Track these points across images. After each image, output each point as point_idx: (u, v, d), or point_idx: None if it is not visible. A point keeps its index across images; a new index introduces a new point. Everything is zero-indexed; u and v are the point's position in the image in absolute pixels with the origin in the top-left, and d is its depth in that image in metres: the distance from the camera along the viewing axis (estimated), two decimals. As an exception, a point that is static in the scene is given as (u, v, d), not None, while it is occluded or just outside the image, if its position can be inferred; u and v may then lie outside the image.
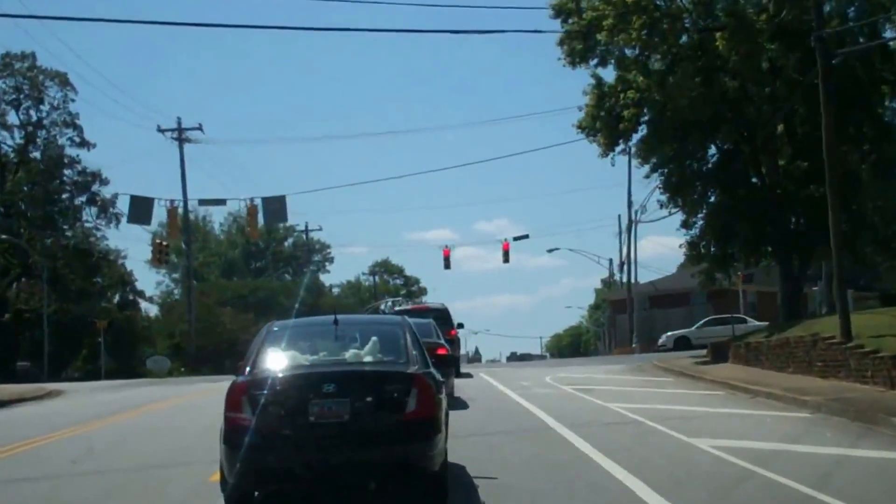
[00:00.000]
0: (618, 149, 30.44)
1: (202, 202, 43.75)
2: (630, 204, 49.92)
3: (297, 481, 7.98)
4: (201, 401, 20.73)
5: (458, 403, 16.56)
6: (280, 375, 8.09)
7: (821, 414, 13.98)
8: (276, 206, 38.10)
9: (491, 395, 19.30)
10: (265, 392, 7.77)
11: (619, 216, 55.02)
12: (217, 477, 8.46)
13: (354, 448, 7.65)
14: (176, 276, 78.18)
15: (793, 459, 10.01)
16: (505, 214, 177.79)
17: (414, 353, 8.56)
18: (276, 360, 8.46)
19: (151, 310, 72.69)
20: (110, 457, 12.08)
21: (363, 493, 8.04)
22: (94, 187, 56.51)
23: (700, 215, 29.62)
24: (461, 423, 13.20)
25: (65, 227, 58.49)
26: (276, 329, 9.16)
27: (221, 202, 43.38)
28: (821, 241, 27.22)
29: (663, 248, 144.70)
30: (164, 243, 45.35)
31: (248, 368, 8.31)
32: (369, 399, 7.80)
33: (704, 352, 27.41)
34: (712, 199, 29.59)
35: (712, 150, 30.10)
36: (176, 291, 78.49)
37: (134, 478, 10.48)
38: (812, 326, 21.29)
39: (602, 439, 11.64)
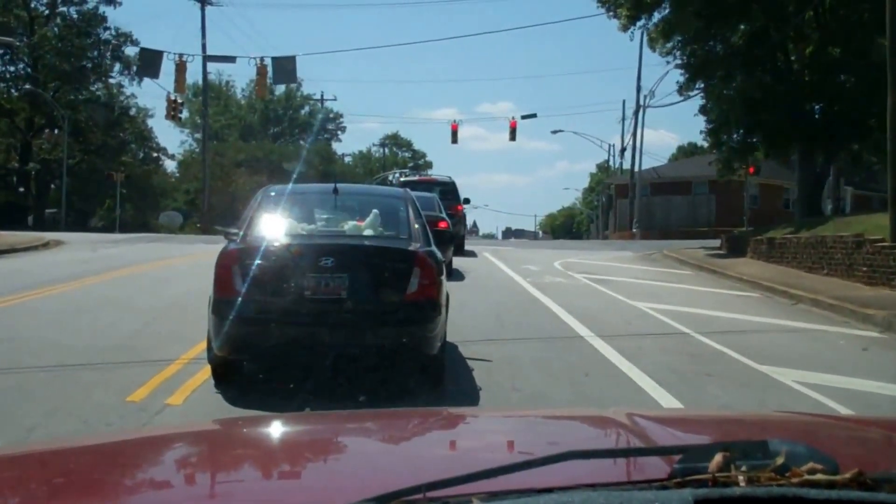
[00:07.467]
0: (639, 23, 26.41)
1: (211, 58, 39.29)
2: (639, 88, 45.62)
3: (287, 359, 6.94)
4: (185, 267, 17.37)
5: (464, 288, 13.25)
6: (275, 245, 6.77)
7: (894, 333, 10.65)
8: (285, 67, 33.86)
9: (500, 282, 15.88)
10: (258, 262, 6.52)
11: (624, 101, 50.90)
12: (138, 396, 6.61)
13: (351, 327, 6.51)
14: (198, 136, 74.32)
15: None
16: (509, 98, 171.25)
17: (416, 228, 7.31)
18: (271, 228, 7.11)
19: (172, 166, 69.72)
20: (33, 344, 8.70)
21: (357, 373, 6.74)
22: (125, 47, 52.64)
23: (721, 100, 25.61)
24: (470, 321, 9.90)
25: (93, 84, 55.04)
26: (272, 194, 7.71)
27: (231, 59, 38.90)
28: (848, 134, 23.55)
29: (664, 136, 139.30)
30: (178, 99, 41.51)
31: (240, 235, 7.01)
32: (369, 276, 6.64)
33: (718, 242, 23.93)
34: (735, 84, 25.53)
35: (739, 31, 25.89)
36: (197, 150, 74.82)
37: (41, 379, 7.17)
38: (848, 225, 17.75)
39: (650, 361, 8.27)
